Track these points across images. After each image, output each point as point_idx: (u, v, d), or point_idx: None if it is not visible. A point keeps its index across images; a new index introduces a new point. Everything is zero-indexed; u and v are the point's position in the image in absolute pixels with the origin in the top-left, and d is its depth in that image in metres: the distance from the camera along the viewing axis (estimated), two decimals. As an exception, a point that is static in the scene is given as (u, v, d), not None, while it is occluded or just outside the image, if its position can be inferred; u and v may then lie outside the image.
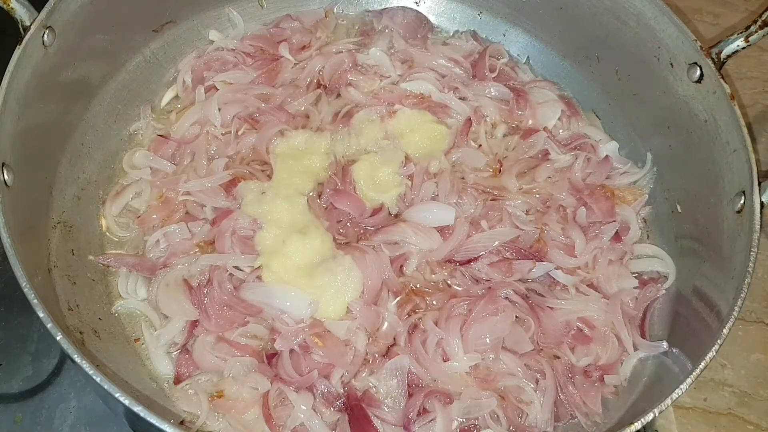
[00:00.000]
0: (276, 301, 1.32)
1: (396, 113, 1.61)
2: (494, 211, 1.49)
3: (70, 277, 1.33)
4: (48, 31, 1.30)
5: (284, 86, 1.65)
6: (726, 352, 1.52)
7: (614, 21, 1.61)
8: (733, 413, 1.49)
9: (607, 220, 1.52)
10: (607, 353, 1.39)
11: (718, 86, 1.40)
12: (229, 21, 1.77)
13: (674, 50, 1.50)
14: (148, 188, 1.49)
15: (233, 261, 1.36)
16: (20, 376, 1.41)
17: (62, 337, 1.04)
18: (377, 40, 1.75)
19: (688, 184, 1.53)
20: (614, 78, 1.69)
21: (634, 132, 1.68)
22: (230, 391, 1.26)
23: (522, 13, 1.80)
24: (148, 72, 1.65)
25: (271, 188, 1.46)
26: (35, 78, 1.28)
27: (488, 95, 1.68)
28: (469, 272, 1.42)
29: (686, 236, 1.51)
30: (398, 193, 1.50)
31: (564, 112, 1.70)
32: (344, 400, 1.26)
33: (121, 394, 1.01)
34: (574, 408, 1.32)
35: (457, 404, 1.26)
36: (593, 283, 1.47)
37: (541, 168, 1.57)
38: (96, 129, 1.53)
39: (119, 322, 1.38)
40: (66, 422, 1.37)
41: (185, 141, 1.55)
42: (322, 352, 1.28)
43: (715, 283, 1.34)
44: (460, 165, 1.57)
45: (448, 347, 1.31)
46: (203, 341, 1.30)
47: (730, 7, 2.13)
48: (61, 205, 1.40)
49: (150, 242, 1.42)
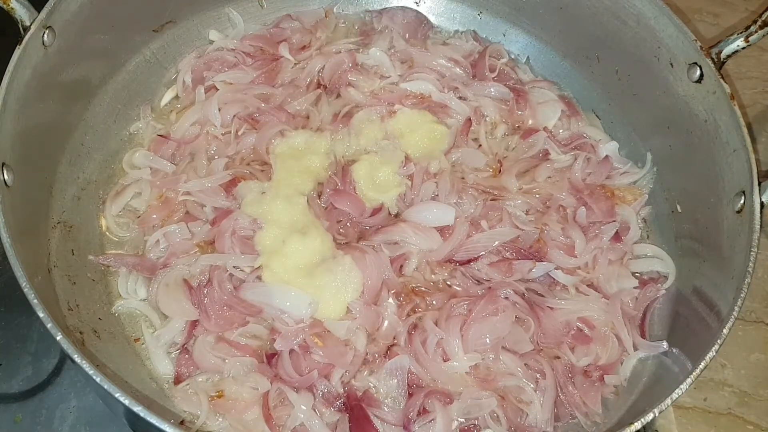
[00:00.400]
0: (276, 301, 1.32)
1: (396, 113, 1.61)
2: (494, 211, 1.49)
3: (70, 277, 1.33)
4: (48, 31, 1.30)
5: (284, 86, 1.65)
6: (726, 352, 1.52)
7: (614, 21, 1.61)
8: (733, 413, 1.49)
9: (607, 220, 1.52)
10: (607, 353, 1.39)
11: (718, 86, 1.40)
12: (229, 21, 1.77)
13: (674, 50, 1.50)
14: (148, 188, 1.49)
15: (233, 261, 1.36)
16: (20, 376, 1.41)
17: (62, 337, 1.04)
18: (377, 40, 1.75)
19: (688, 184, 1.53)
20: (614, 78, 1.69)
21: (634, 132, 1.68)
22: (230, 391, 1.26)
23: (522, 13, 1.80)
24: (148, 72, 1.65)
25: (271, 188, 1.46)
26: (35, 78, 1.28)
27: (488, 95, 1.68)
28: (469, 272, 1.42)
29: (686, 236, 1.51)
30: (398, 193, 1.50)
31: (564, 112, 1.70)
32: (344, 400, 1.26)
33: (121, 394, 1.01)
34: (574, 408, 1.32)
35: (457, 404, 1.26)
36: (593, 283, 1.47)
37: (541, 168, 1.57)
38: (96, 129, 1.53)
39: (119, 322, 1.38)
40: (66, 422, 1.37)
41: (185, 141, 1.55)
42: (322, 352, 1.28)
43: (715, 283, 1.34)
44: (460, 165, 1.57)
45: (448, 347, 1.31)
46: (203, 341, 1.30)
47: (730, 7, 2.13)
48: (61, 205, 1.40)
49: (150, 242, 1.42)
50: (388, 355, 1.32)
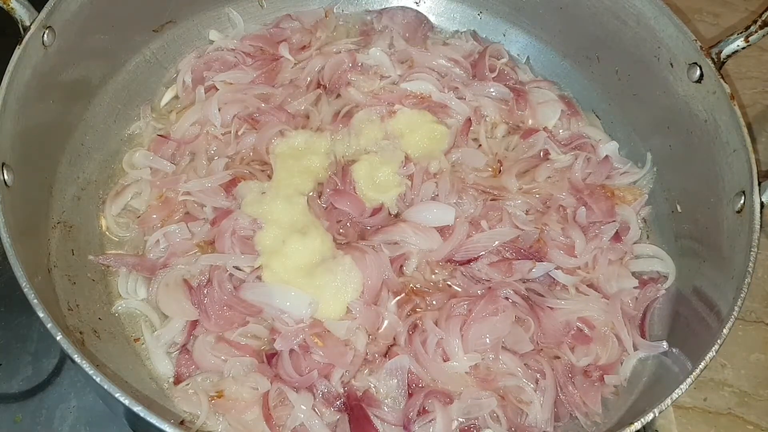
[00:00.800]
0: (276, 301, 1.32)
1: (396, 113, 1.61)
2: (494, 211, 1.49)
3: (70, 277, 1.33)
4: (48, 31, 1.30)
5: (284, 86, 1.65)
6: (726, 352, 1.52)
7: (614, 21, 1.61)
8: (733, 413, 1.49)
9: (607, 220, 1.52)
10: (607, 353, 1.39)
11: (718, 86, 1.40)
12: (229, 21, 1.77)
13: (674, 50, 1.50)
14: (148, 188, 1.49)
15: (233, 261, 1.36)
16: (20, 376, 1.41)
17: (62, 337, 1.04)
18: (377, 40, 1.75)
19: (688, 184, 1.53)
20: (614, 78, 1.69)
21: (634, 132, 1.68)
22: (230, 391, 1.26)
23: (522, 13, 1.80)
24: (148, 72, 1.65)
25: (271, 188, 1.46)
26: (35, 78, 1.28)
27: (488, 95, 1.68)
28: (469, 272, 1.42)
29: (686, 236, 1.51)
30: (398, 193, 1.50)
31: (564, 112, 1.70)
32: (344, 400, 1.26)
33: (121, 394, 1.01)
34: (574, 408, 1.32)
35: (457, 404, 1.26)
36: (593, 283, 1.47)
37: (541, 168, 1.57)
38: (96, 129, 1.53)
39: (119, 322, 1.38)
40: (66, 422, 1.37)
41: (185, 141, 1.55)
42: (322, 352, 1.28)
43: (715, 283, 1.34)
44: (460, 165, 1.57)
45: (448, 347, 1.31)
46: (203, 341, 1.30)
47: (730, 7, 2.13)
48: (61, 205, 1.40)
49: (150, 242, 1.42)
50: (388, 355, 1.31)
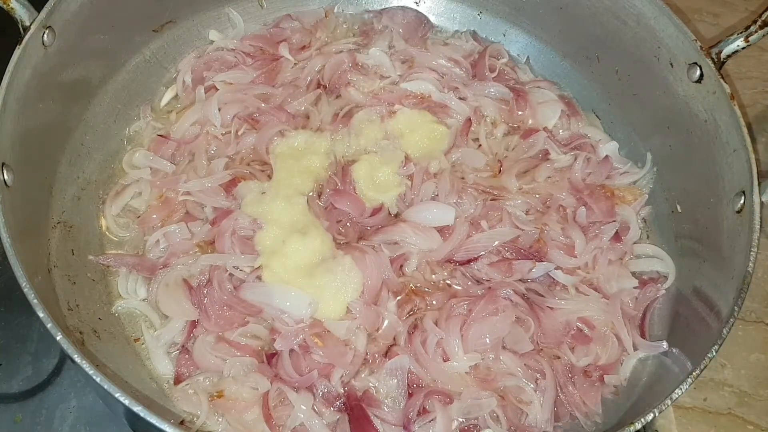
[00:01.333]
0: (276, 301, 1.32)
1: (396, 113, 1.61)
2: (494, 211, 1.49)
3: (70, 277, 1.33)
4: (48, 31, 1.30)
5: (284, 86, 1.65)
6: (726, 352, 1.52)
7: (614, 21, 1.61)
8: (733, 413, 1.49)
9: (607, 220, 1.52)
10: (607, 353, 1.39)
11: (718, 86, 1.40)
12: (229, 21, 1.77)
13: (674, 50, 1.50)
14: (148, 188, 1.49)
15: (233, 261, 1.36)
16: (20, 376, 1.41)
17: (62, 337, 1.04)
18: (377, 40, 1.75)
19: (688, 184, 1.53)
20: (614, 78, 1.69)
21: (634, 132, 1.68)
22: (230, 391, 1.26)
23: (522, 13, 1.80)
24: (148, 72, 1.65)
25: (271, 188, 1.46)
26: (35, 78, 1.28)
27: (488, 95, 1.68)
28: (469, 272, 1.42)
29: (686, 236, 1.51)
30: (398, 193, 1.50)
31: (564, 112, 1.69)
32: (344, 400, 1.26)
33: (121, 394, 1.01)
34: (574, 408, 1.32)
35: (457, 404, 1.26)
36: (593, 283, 1.47)
37: (541, 168, 1.56)
38: (96, 129, 1.53)
39: (119, 322, 1.38)
40: (66, 422, 1.37)
41: (185, 141, 1.55)
42: (322, 352, 1.28)
43: (715, 283, 1.34)
44: (460, 165, 1.57)
45: (448, 347, 1.31)
46: (203, 341, 1.30)
47: (730, 7, 2.13)
48: (61, 205, 1.40)
49: (150, 242, 1.42)
50: (388, 355, 1.31)
